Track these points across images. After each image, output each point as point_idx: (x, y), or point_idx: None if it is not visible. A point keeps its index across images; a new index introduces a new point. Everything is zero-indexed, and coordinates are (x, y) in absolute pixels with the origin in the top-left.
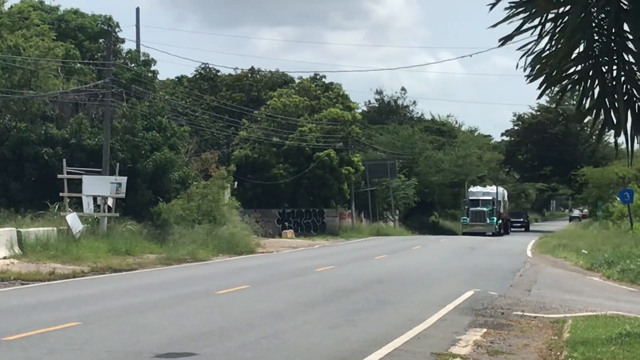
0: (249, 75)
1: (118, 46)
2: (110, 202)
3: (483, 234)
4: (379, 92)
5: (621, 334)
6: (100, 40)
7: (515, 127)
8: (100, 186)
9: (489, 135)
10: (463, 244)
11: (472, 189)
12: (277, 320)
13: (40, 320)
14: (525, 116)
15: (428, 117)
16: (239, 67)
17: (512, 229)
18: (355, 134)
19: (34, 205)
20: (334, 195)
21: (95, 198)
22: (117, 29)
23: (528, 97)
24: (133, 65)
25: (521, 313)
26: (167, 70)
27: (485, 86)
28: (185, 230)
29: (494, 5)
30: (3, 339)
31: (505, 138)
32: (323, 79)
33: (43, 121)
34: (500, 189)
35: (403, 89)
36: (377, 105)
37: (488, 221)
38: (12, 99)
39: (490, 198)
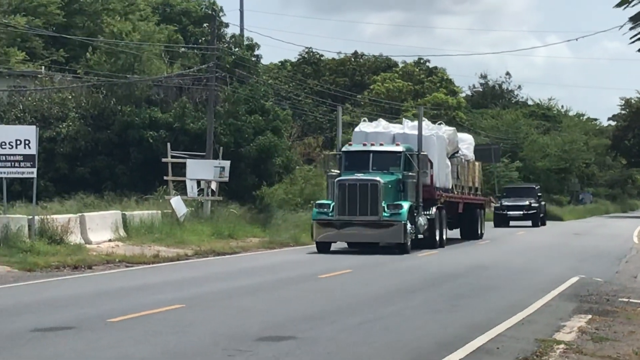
0: (353, 59)
1: (222, 30)
2: (213, 185)
3: (371, 246)
4: (484, 77)
5: None
6: (204, 25)
7: (623, 112)
8: (204, 170)
9: (596, 119)
10: (568, 229)
11: (363, 126)
12: (379, 305)
13: (145, 303)
14: (633, 100)
15: (533, 102)
16: (342, 52)
17: (510, 221)
18: (459, 118)
19: (139, 188)
20: None
21: (199, 182)
22: (221, 14)
23: (637, 81)
24: (236, 49)
25: (627, 300)
26: (270, 54)
27: (593, 70)
28: (288, 214)
29: None
30: (108, 320)
31: (612, 123)
32: (427, 63)
33: (147, 105)
34: (444, 128)
35: (508, 73)
36: (481, 89)
37: (385, 213)
38: (117, 83)
39: (397, 150)
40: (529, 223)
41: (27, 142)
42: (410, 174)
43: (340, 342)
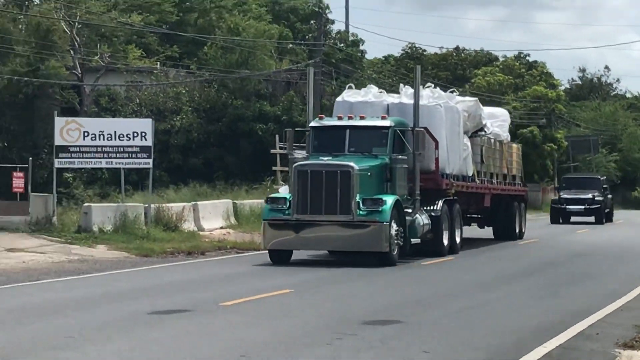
0: (454, 54)
1: (328, 27)
2: None
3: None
4: (582, 70)
5: None
6: (312, 22)
7: None
8: None
9: None
10: None
11: (347, 94)
12: (481, 291)
13: (255, 287)
14: None
15: (631, 94)
16: (444, 47)
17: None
18: (558, 110)
19: (248, 178)
20: (537, 171)
21: None
22: (327, 11)
23: None
24: (342, 45)
25: None
26: (374, 49)
27: None
28: None
29: None
30: (221, 304)
31: None
32: (527, 58)
33: (257, 99)
34: (458, 98)
35: (606, 67)
36: (580, 82)
37: (361, 210)
38: (229, 78)
39: (383, 125)
40: (592, 219)
41: (143, 134)
42: (401, 157)
43: (444, 327)
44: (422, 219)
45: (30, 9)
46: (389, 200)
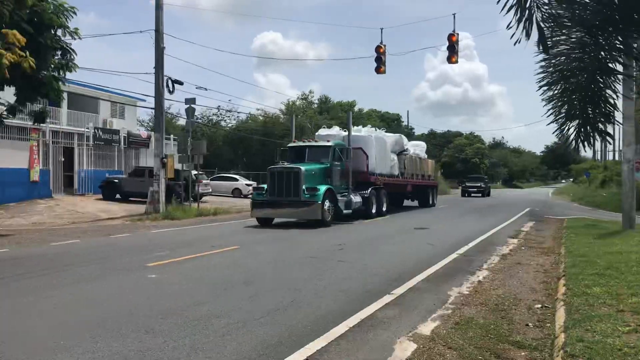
0: (447, 133)
1: (401, 124)
2: None
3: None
4: (494, 138)
5: (587, 225)
6: (394, 121)
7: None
8: None
9: (535, 152)
10: (526, 190)
11: (322, 130)
12: (442, 222)
13: (353, 221)
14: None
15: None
16: (445, 130)
17: (472, 195)
18: (486, 153)
19: None
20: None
21: None
22: (401, 118)
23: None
24: (407, 130)
25: (548, 216)
26: (418, 131)
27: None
28: None
29: None
30: (352, 223)
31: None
32: (474, 133)
33: None
34: (387, 134)
35: (502, 137)
36: (493, 142)
37: (306, 194)
38: None
39: (327, 145)
40: (480, 195)
41: None
42: (336, 163)
43: (435, 234)
44: (355, 199)
45: (297, 119)
46: (323, 188)
